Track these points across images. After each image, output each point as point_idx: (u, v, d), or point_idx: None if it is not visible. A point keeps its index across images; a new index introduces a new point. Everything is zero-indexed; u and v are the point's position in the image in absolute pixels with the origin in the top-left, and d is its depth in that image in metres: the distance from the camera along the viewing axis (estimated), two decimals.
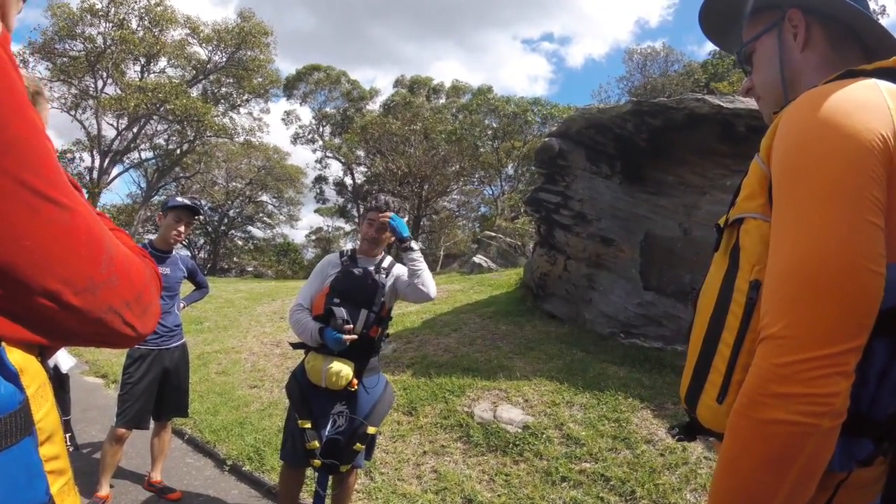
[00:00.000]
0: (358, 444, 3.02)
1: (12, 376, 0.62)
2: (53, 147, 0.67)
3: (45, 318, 0.64)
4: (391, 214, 3.10)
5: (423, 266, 3.07)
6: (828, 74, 1.08)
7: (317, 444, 2.98)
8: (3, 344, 0.62)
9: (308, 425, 3.02)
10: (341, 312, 2.93)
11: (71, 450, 3.76)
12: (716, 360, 1.05)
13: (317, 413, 3.05)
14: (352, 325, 2.93)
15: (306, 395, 3.09)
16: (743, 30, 1.31)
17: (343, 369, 2.93)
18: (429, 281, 3.08)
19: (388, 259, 3.29)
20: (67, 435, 3.58)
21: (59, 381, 3.99)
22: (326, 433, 3.01)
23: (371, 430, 3.05)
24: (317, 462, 3.00)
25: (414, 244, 3.07)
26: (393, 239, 3.26)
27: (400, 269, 3.24)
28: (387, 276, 3.17)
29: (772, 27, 1.22)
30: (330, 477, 3.20)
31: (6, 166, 0.58)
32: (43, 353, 0.71)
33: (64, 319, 0.66)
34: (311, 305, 3.15)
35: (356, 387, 3.00)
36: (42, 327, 0.65)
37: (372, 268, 3.18)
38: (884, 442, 0.95)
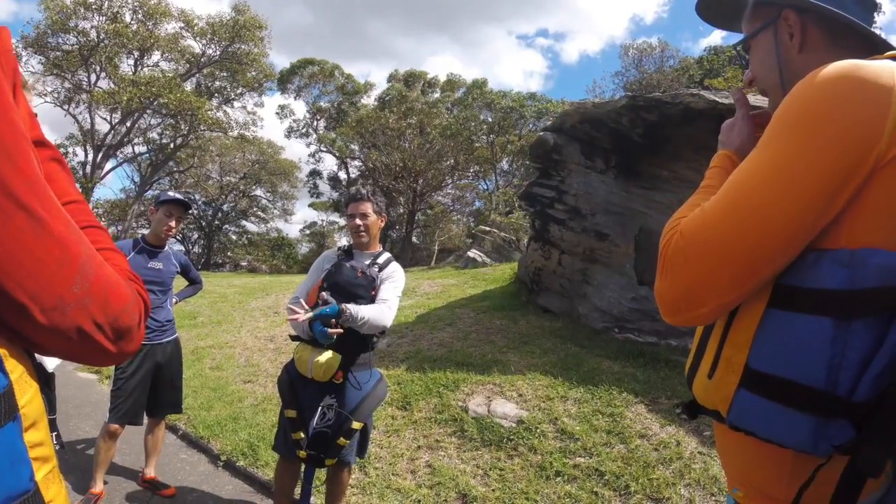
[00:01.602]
0: (342, 439, 3.00)
1: None
2: (36, 156, 0.66)
3: (10, 327, 0.63)
4: (312, 313, 2.85)
5: (367, 315, 2.88)
6: None
7: (301, 434, 2.99)
8: None
9: (293, 414, 3.04)
10: (325, 297, 2.92)
11: (57, 448, 3.74)
12: (711, 340, 1.09)
13: (304, 404, 3.05)
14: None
15: (295, 385, 3.10)
16: (742, 22, 1.29)
17: (328, 361, 2.92)
18: (375, 323, 2.93)
19: (385, 255, 3.27)
20: (53, 434, 3.56)
21: (45, 380, 3.97)
22: (314, 425, 3.00)
23: (355, 425, 3.02)
24: (302, 453, 3.00)
25: (347, 312, 2.82)
26: (382, 224, 3.29)
27: (395, 268, 3.22)
28: (380, 272, 3.15)
29: (768, 25, 1.20)
30: (323, 471, 3.20)
31: None
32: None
33: (30, 333, 0.64)
34: (307, 299, 3.16)
35: (341, 379, 2.99)
36: (10, 334, 0.64)
37: (367, 262, 3.17)
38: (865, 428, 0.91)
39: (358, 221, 3.18)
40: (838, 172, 0.90)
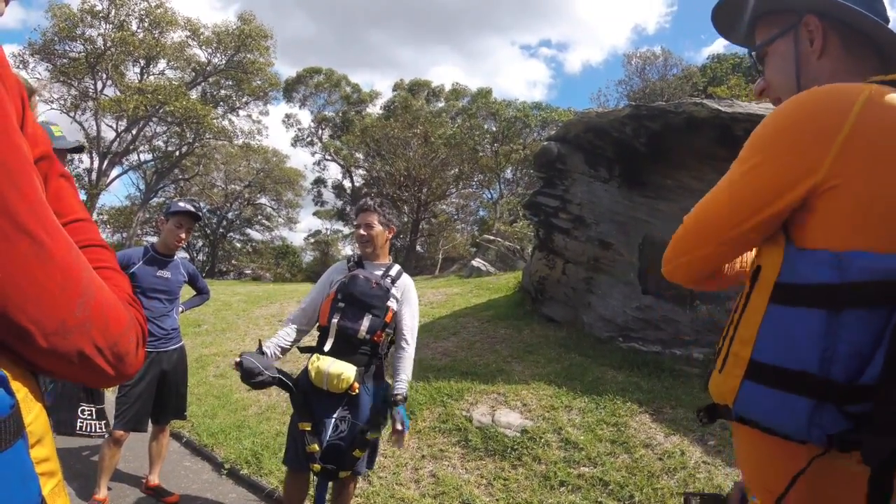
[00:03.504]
0: (358, 451, 3.01)
1: (1, 381, 0.61)
2: (39, 177, 0.66)
3: (12, 350, 0.64)
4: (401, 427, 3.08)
5: (408, 377, 3.17)
6: (844, 82, 1.11)
7: (316, 447, 2.97)
8: None
9: (308, 427, 3.01)
10: (250, 362, 3.01)
11: (106, 436, 3.80)
12: (725, 340, 1.19)
13: (317, 416, 3.03)
14: (260, 377, 2.98)
15: (308, 397, 3.08)
16: (757, 30, 1.30)
17: (344, 372, 2.92)
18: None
19: (396, 267, 3.27)
20: (102, 422, 3.61)
21: None
22: (328, 438, 2.99)
23: (371, 435, 3.04)
24: (316, 466, 2.98)
25: (404, 395, 3.11)
26: (390, 235, 3.30)
27: (407, 282, 3.25)
28: (393, 284, 3.17)
29: (787, 31, 1.21)
30: (330, 483, 3.19)
31: None
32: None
33: (31, 356, 0.65)
34: (317, 312, 3.20)
35: (357, 391, 3.00)
36: (14, 356, 0.65)
37: (379, 273, 3.19)
38: (861, 422, 0.96)
39: (362, 231, 3.20)
40: (774, 186, 1.06)
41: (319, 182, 37.92)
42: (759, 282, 1.12)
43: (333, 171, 37.80)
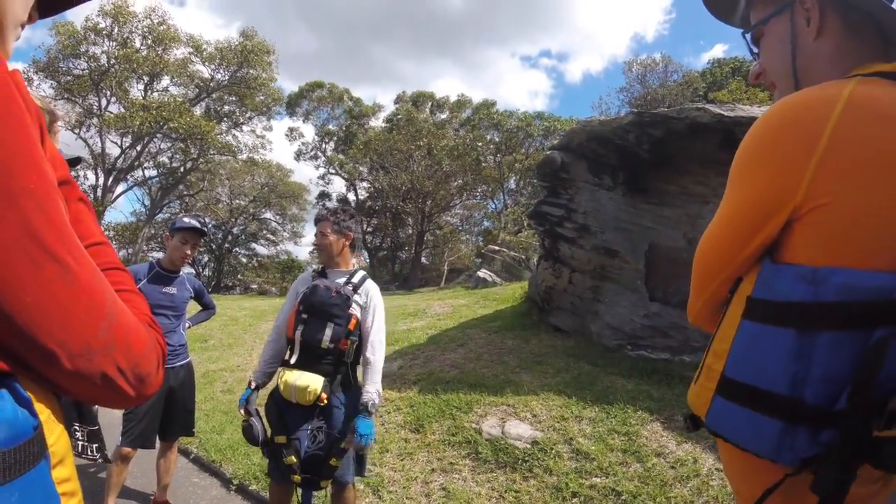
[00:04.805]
0: (334, 460, 3.00)
1: (26, 403, 0.63)
2: (63, 201, 0.67)
3: (37, 372, 0.65)
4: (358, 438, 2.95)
5: (377, 388, 3.06)
6: (842, 65, 1.08)
7: (294, 458, 2.98)
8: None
9: (283, 440, 3.03)
10: (256, 426, 3.12)
11: (100, 461, 3.75)
12: (705, 350, 1.18)
13: (291, 428, 3.05)
14: (259, 439, 3.10)
15: (281, 410, 3.11)
16: (752, 11, 1.25)
17: (311, 384, 2.93)
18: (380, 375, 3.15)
19: (360, 273, 3.30)
20: (94, 445, 3.59)
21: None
22: (306, 448, 3.00)
23: (345, 445, 3.02)
24: (297, 478, 3.00)
25: (372, 407, 2.99)
26: (347, 244, 3.31)
27: (370, 288, 3.25)
28: (355, 291, 3.17)
29: (783, 10, 1.16)
30: (323, 493, 3.19)
31: (13, 218, 0.58)
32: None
33: (55, 378, 0.66)
34: (287, 324, 3.23)
35: (325, 402, 2.99)
36: (38, 377, 0.66)
37: (342, 280, 3.20)
38: (834, 448, 0.91)
39: (317, 241, 3.30)
40: (754, 219, 1.04)
41: (324, 196, 38.08)
42: (736, 294, 1.09)
43: (338, 185, 37.98)
